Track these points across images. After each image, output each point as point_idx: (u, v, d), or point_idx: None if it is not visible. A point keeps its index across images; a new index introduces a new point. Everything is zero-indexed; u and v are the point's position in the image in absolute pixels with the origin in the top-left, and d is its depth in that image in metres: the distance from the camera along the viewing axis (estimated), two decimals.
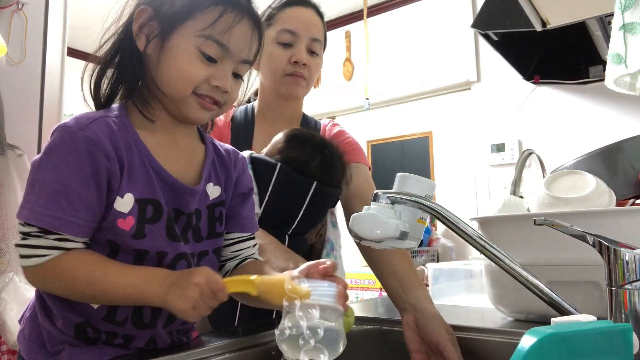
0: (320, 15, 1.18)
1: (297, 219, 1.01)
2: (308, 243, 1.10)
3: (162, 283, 0.65)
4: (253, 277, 0.65)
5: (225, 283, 0.64)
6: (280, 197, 0.99)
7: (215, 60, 0.69)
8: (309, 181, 0.99)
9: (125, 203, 0.67)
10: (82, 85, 0.74)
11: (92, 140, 0.65)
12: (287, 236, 1.02)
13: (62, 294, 0.68)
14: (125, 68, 0.73)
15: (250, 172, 0.99)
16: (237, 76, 0.74)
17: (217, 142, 0.83)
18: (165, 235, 0.71)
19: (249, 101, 1.25)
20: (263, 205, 0.99)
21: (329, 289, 0.62)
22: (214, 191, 0.78)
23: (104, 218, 0.67)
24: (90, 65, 0.73)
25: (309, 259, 1.02)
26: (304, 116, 1.25)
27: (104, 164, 0.65)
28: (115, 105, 0.74)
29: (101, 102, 0.74)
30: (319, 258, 1.06)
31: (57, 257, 0.65)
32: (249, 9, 0.71)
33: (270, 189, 0.99)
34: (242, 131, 1.16)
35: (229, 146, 0.85)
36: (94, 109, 0.74)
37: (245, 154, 1.03)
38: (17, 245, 0.66)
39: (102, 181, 0.66)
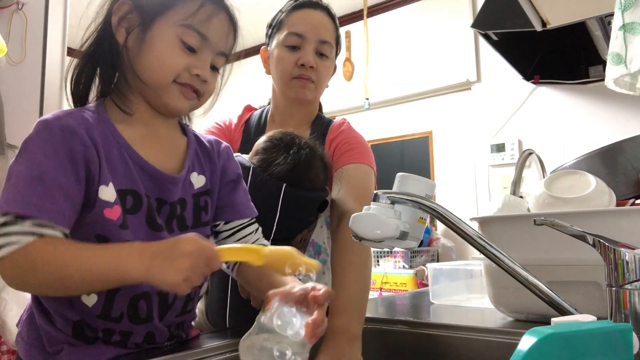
0: (332, 16, 1.15)
1: (275, 224, 0.97)
2: None
3: (141, 255, 0.61)
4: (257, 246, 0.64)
5: (220, 251, 0.62)
6: (255, 201, 0.93)
7: (195, 50, 0.71)
8: (277, 183, 0.95)
9: (109, 192, 0.67)
10: (65, 84, 0.75)
11: (67, 128, 0.65)
12: (270, 242, 0.99)
13: (39, 287, 0.65)
14: (103, 61, 0.73)
15: None
16: (214, 68, 0.76)
17: (199, 134, 0.83)
18: (146, 225, 0.71)
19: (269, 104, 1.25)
20: None
21: (295, 321, 0.60)
22: (198, 180, 0.78)
23: (90, 209, 0.66)
24: (74, 63, 0.74)
25: None
26: (318, 117, 1.20)
27: (80, 149, 0.65)
28: (92, 104, 0.75)
29: (80, 96, 0.75)
30: None
31: (31, 244, 0.61)
32: (224, 3, 0.73)
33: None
34: (253, 134, 1.15)
35: (211, 137, 0.85)
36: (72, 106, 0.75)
37: None
38: None
39: (80, 169, 0.65)
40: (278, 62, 1.11)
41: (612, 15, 1.23)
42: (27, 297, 0.79)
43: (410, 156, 3.54)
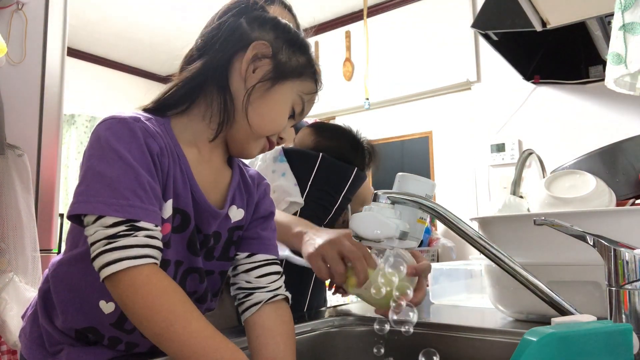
0: (293, 15, 1.19)
1: (336, 206, 1.08)
2: None
3: None
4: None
5: None
6: (322, 185, 1.05)
7: (292, 118, 0.77)
8: (350, 167, 1.07)
9: (167, 209, 0.66)
10: (170, 90, 0.72)
11: (149, 132, 0.64)
12: (323, 226, 1.05)
13: (142, 316, 0.58)
14: (213, 82, 0.72)
15: (284, 164, 1.05)
16: None
17: (242, 166, 0.83)
18: (186, 247, 0.70)
19: None
20: (304, 196, 1.04)
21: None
22: (236, 214, 0.77)
23: None
24: (190, 70, 0.73)
25: None
26: None
27: (158, 155, 0.65)
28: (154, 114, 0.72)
29: (165, 104, 0.72)
30: None
31: (151, 267, 0.58)
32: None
33: (312, 178, 1.05)
34: None
35: (254, 170, 0.84)
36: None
37: (278, 148, 1.08)
38: (101, 253, 0.58)
39: (159, 174, 0.64)
40: None
41: (612, 15, 1.22)
42: (28, 296, 0.78)
43: (410, 156, 3.54)
